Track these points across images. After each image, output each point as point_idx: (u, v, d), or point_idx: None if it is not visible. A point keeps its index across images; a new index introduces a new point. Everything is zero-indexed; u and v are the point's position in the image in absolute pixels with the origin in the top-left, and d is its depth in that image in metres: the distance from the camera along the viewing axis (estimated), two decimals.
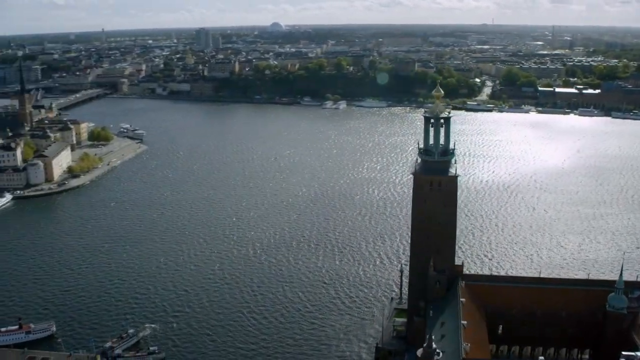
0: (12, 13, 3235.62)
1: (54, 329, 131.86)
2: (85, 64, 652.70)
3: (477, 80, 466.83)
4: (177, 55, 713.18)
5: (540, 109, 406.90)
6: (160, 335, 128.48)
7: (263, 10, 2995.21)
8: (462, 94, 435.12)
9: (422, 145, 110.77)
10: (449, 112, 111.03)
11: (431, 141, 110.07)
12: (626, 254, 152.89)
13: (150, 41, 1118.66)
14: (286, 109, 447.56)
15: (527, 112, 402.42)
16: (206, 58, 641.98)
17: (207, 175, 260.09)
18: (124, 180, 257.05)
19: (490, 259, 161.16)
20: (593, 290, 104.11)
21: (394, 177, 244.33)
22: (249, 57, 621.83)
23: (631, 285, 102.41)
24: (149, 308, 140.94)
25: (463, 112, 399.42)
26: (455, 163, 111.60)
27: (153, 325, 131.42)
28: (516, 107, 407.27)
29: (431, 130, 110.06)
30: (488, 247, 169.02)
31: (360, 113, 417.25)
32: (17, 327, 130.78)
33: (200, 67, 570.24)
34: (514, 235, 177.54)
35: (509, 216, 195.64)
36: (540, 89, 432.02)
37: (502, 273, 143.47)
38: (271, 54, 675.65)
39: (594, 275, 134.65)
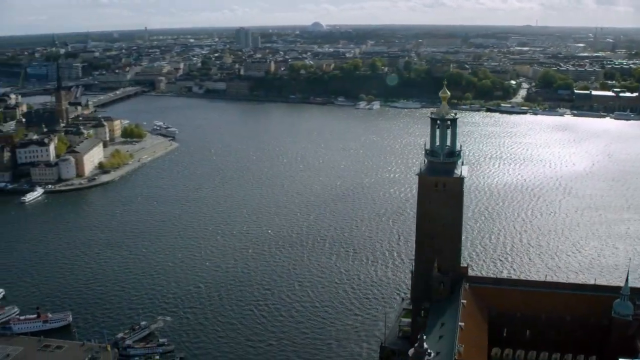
0: (57, 11, 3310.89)
1: (70, 319, 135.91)
2: (125, 62, 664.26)
3: (513, 82, 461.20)
4: (216, 54, 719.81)
5: (575, 112, 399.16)
6: (172, 328, 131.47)
7: (305, 10, 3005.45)
8: (496, 95, 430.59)
9: (428, 147, 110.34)
10: (456, 114, 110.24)
11: (437, 142, 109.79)
12: (632, 260, 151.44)
13: (192, 40, 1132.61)
14: (320, 109, 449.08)
15: (561, 115, 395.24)
16: (244, 57, 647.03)
17: (234, 173, 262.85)
18: (152, 177, 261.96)
19: (503, 262, 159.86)
20: (599, 296, 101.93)
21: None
22: (286, 57, 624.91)
23: (638, 292, 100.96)
24: (163, 302, 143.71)
25: (496, 115, 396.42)
26: (462, 165, 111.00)
27: (167, 318, 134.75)
28: (551, 110, 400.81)
29: (437, 131, 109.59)
30: (504, 250, 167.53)
31: (393, 114, 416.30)
32: (35, 315, 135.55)
33: (237, 66, 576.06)
34: (531, 239, 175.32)
35: (529, 219, 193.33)
36: (576, 91, 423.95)
37: (514, 277, 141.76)
38: (309, 53, 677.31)
39: (611, 282, 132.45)
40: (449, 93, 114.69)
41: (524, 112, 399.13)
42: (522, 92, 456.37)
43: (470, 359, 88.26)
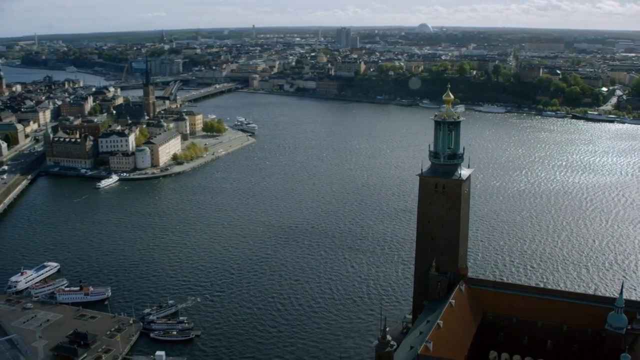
0: (175, 8, 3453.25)
1: (109, 293, 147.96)
2: (223, 59, 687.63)
3: (604, 89, 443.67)
4: (312, 54, 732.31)
5: None
6: (196, 308, 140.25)
7: (416, 12, 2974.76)
8: (585, 103, 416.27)
9: (432, 149, 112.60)
10: (459, 117, 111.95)
11: (441, 144, 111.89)
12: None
13: (297, 38, 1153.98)
14: (403, 110, 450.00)
15: None
16: (338, 57, 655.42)
17: (301, 169, 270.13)
18: (222, 170, 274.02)
19: (532, 270, 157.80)
20: (597, 307, 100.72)
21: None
22: (381, 58, 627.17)
23: (630, 305, 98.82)
24: (195, 285, 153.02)
25: (581, 122, 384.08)
26: (470, 168, 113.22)
27: (197, 299, 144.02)
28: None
29: (440, 134, 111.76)
30: (538, 259, 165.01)
31: (474, 118, 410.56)
32: (78, 288, 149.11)
33: (329, 65, 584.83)
34: (570, 249, 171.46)
35: (574, 229, 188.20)
36: None
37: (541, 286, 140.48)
38: (405, 55, 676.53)
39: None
40: (452, 96, 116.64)
41: (611, 121, 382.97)
42: (614, 100, 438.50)
43: (440, 355, 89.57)
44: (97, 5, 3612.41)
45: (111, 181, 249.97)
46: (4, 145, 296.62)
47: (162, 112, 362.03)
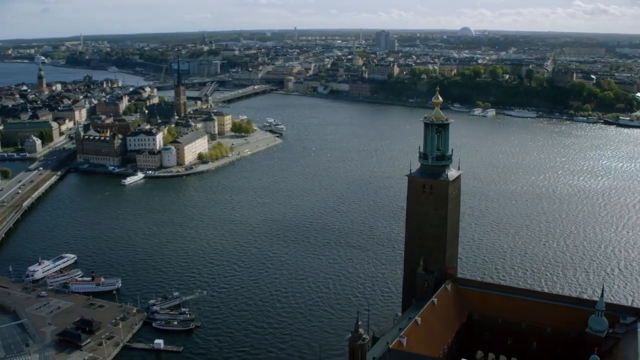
0: (221, 9, 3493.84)
1: (120, 284, 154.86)
2: (261, 61, 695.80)
3: (639, 94, 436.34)
4: (349, 56, 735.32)
5: None
6: (199, 301, 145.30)
7: (461, 15, 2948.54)
8: (618, 108, 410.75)
9: (422, 150, 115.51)
10: (447, 119, 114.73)
11: (438, 145, 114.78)
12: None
13: (338, 41, 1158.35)
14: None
15: None
16: (375, 60, 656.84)
17: (322, 170, 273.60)
18: (245, 169, 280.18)
19: (533, 273, 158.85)
20: (580, 310, 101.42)
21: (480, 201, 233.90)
22: (418, 61, 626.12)
23: (614, 309, 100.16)
24: (202, 279, 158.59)
25: (612, 128, 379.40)
26: (459, 170, 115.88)
27: (203, 292, 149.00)
28: None
29: (429, 135, 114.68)
30: (540, 262, 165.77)
31: (504, 122, 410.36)
32: (90, 278, 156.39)
33: (364, 68, 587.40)
34: (576, 254, 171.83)
35: (582, 233, 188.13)
36: None
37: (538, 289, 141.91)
38: (442, 58, 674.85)
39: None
40: (441, 99, 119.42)
41: None
42: None
43: (414, 351, 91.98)
44: (144, 7, 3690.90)
45: (136, 178, 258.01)
46: (39, 142, 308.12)
47: (192, 112, 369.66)
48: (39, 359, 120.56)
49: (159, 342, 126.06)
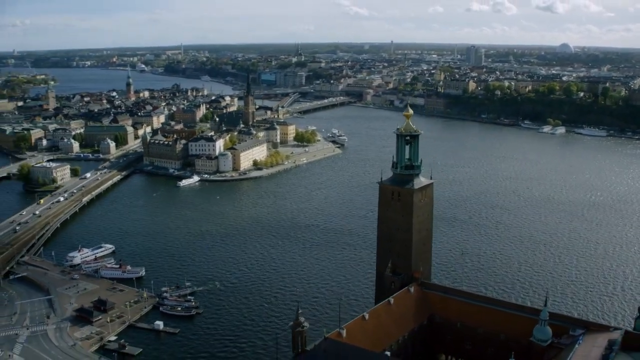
0: (324, 22, 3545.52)
1: (143, 273, 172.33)
2: (345, 73, 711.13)
3: None
4: (432, 71, 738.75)
5: None
6: (209, 292, 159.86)
7: (566, 30, 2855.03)
8: None
9: (394, 159, 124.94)
10: (417, 131, 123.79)
11: (407, 155, 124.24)
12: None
13: (434, 55, 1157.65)
14: (503, 130, 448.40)
15: None
16: (456, 76, 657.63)
17: (368, 180, 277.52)
18: (296, 177, 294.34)
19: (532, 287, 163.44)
20: (532, 319, 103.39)
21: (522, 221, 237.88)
22: (501, 77, 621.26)
23: (564, 320, 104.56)
24: (217, 273, 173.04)
25: None
26: (432, 179, 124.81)
27: (215, 284, 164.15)
28: None
29: (400, 146, 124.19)
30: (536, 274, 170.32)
31: (572, 140, 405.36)
32: (117, 266, 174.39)
33: (440, 83, 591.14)
34: (580, 273, 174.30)
35: (578, 249, 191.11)
36: None
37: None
38: (525, 74, 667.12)
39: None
40: (411, 111, 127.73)
41: None
42: None
43: (352, 343, 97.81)
44: (246, 18, 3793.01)
45: (191, 181, 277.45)
46: (113, 144, 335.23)
47: (256, 121, 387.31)
48: (55, 330, 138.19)
49: (159, 324, 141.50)
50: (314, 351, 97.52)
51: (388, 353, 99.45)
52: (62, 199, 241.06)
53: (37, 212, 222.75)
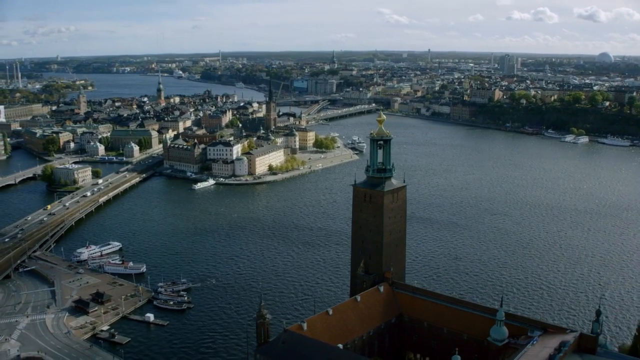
0: (364, 29, 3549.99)
1: (144, 269, 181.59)
2: (375, 81, 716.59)
3: None
4: (463, 79, 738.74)
5: None
6: (202, 289, 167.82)
7: (610, 39, 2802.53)
8: None
9: (368, 163, 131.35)
10: (389, 135, 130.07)
11: (380, 159, 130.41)
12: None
13: (471, 64, 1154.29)
14: (525, 139, 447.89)
15: None
16: (485, 84, 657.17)
17: None
18: (309, 182, 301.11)
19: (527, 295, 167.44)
20: (492, 319, 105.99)
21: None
22: (531, 86, 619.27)
23: (524, 321, 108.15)
24: (217, 271, 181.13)
25: None
26: (405, 182, 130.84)
27: (212, 280, 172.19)
28: None
29: (373, 150, 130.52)
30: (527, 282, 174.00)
31: (594, 150, 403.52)
32: (120, 262, 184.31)
33: (467, 91, 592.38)
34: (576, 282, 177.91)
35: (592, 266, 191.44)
36: None
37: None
38: (556, 83, 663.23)
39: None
40: (384, 117, 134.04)
41: None
42: None
43: (312, 336, 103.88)
44: (286, 25, 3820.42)
45: (207, 184, 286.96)
46: (136, 148, 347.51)
47: (277, 128, 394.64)
48: (53, 319, 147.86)
49: (149, 316, 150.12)
50: (274, 342, 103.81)
51: (340, 346, 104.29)
52: (69, 203, 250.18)
53: (53, 211, 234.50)
